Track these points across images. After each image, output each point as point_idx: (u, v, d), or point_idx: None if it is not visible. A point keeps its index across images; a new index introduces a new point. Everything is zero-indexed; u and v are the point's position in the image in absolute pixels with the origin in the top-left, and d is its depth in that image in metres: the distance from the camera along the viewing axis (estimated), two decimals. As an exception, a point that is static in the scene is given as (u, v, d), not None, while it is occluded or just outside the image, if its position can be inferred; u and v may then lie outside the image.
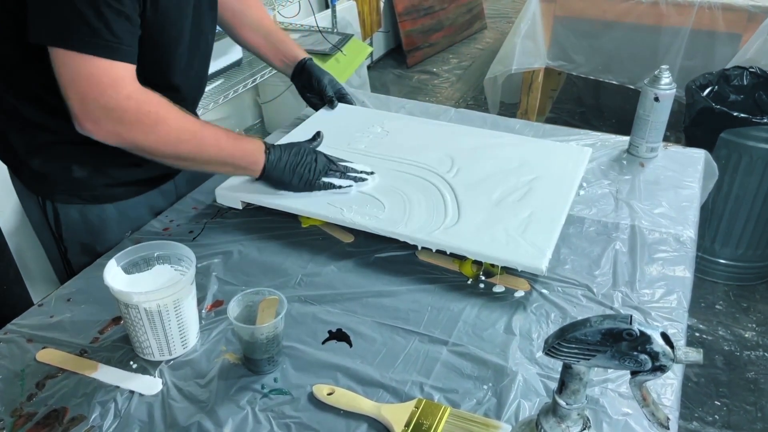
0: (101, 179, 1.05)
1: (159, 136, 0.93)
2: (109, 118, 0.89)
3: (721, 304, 2.09)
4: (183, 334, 0.81)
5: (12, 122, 1.00)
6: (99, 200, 1.06)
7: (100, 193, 1.06)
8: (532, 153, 1.20)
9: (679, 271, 0.96)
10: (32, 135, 1.01)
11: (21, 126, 1.00)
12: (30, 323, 0.87)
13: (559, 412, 0.54)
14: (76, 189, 1.04)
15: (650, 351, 0.47)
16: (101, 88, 0.87)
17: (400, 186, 1.09)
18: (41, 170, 1.03)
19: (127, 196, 1.09)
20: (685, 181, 1.19)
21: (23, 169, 1.05)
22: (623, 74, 2.64)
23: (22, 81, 0.96)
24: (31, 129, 1.00)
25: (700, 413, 1.72)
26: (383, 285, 0.94)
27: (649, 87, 1.21)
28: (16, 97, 0.98)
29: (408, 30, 4.00)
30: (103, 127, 0.89)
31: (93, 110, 0.88)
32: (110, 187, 1.06)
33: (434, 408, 0.73)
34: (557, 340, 0.50)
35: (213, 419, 0.73)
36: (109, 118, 0.89)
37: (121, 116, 0.90)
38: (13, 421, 0.73)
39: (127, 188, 1.09)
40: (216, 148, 0.99)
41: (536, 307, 0.89)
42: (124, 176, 1.07)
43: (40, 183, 1.05)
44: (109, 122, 0.89)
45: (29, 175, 1.05)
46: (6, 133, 1.02)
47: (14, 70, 0.95)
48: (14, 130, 1.01)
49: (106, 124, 0.89)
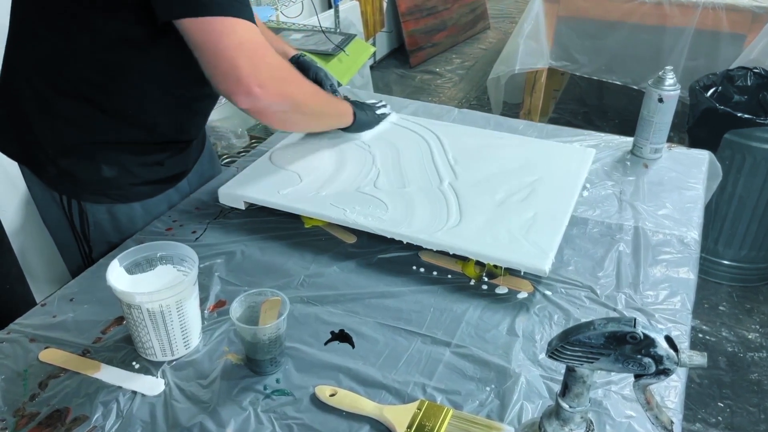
0: (128, 178, 1.06)
1: (306, 90, 1.02)
2: (274, 78, 0.92)
3: (724, 306, 2.08)
4: (185, 335, 0.81)
5: (47, 121, 1.00)
6: (128, 199, 1.08)
7: (127, 192, 1.07)
8: (536, 154, 1.19)
9: (683, 272, 0.96)
10: (68, 134, 1.01)
11: (57, 125, 1.00)
12: (33, 323, 0.88)
13: (562, 415, 0.53)
14: (105, 188, 1.05)
15: (654, 354, 0.47)
16: (263, 49, 0.90)
17: (402, 186, 1.09)
18: (70, 170, 1.03)
19: (151, 194, 1.11)
20: (689, 182, 1.19)
21: (49, 168, 1.04)
22: (626, 75, 2.63)
23: (72, 78, 0.96)
24: (67, 128, 1.00)
25: (703, 415, 1.71)
26: (386, 286, 0.94)
27: (654, 88, 1.20)
28: (60, 95, 0.98)
29: (411, 30, 3.99)
30: (269, 89, 0.91)
31: (262, 72, 0.89)
32: (136, 185, 1.08)
33: (437, 410, 0.73)
34: (561, 343, 0.50)
35: (215, 420, 0.73)
36: (274, 78, 0.92)
37: (281, 74, 0.95)
38: (15, 421, 0.73)
39: (151, 186, 1.10)
40: (327, 99, 1.13)
41: (539, 309, 0.89)
42: (149, 175, 1.09)
43: (68, 183, 1.05)
44: (274, 82, 0.92)
45: (55, 174, 1.04)
46: (35, 132, 1.01)
47: (66, 66, 0.96)
48: (48, 129, 1.01)
49: (272, 84, 0.91)
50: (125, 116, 1.00)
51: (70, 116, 0.99)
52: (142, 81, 0.98)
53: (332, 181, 1.11)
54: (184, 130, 1.12)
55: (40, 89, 0.98)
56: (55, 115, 0.99)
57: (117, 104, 0.99)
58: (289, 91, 0.96)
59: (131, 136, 1.03)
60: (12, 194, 1.88)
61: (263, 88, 0.89)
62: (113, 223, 1.08)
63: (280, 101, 0.95)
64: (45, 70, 0.97)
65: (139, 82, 0.98)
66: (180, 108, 1.06)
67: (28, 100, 1.00)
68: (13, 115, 1.03)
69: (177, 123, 1.09)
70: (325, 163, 1.17)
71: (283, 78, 0.96)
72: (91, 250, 1.10)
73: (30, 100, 1.00)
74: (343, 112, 1.19)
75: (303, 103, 1.02)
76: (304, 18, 2.91)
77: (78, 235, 1.09)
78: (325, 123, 1.21)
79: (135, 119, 1.01)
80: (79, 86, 0.97)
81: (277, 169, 1.15)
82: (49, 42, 0.95)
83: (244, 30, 0.88)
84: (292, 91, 0.97)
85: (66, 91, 0.97)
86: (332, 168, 1.15)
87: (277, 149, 1.22)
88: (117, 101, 0.98)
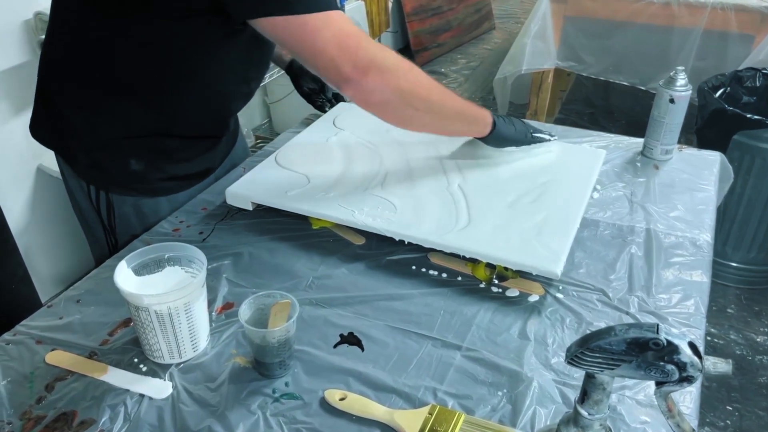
0: (155, 173, 1.08)
1: (414, 78, 0.94)
2: (374, 67, 0.88)
3: (732, 308, 2.07)
4: (193, 337, 0.80)
5: (84, 114, 1.02)
6: (154, 193, 1.09)
7: (154, 186, 1.08)
8: (545, 155, 1.18)
9: (696, 275, 0.95)
10: (103, 128, 1.02)
11: (93, 118, 1.01)
12: (39, 324, 0.87)
13: (580, 422, 0.52)
14: (132, 182, 1.07)
15: (677, 361, 0.46)
16: (359, 39, 0.88)
17: (411, 188, 1.08)
18: (101, 162, 1.05)
19: (178, 189, 1.12)
20: (700, 183, 1.18)
21: (80, 159, 1.06)
22: (634, 75, 2.61)
23: (115, 74, 0.97)
24: (103, 122, 1.01)
25: (712, 418, 1.70)
26: (395, 288, 0.93)
27: (665, 88, 1.19)
28: (100, 90, 0.99)
29: (416, 30, 3.98)
30: (372, 78, 0.88)
31: (362, 62, 0.87)
32: (163, 180, 1.09)
33: (448, 414, 0.72)
34: (580, 349, 0.48)
35: (224, 424, 0.72)
36: (375, 67, 0.88)
37: (381, 63, 0.89)
38: (22, 425, 0.72)
39: (177, 182, 1.11)
40: (454, 99, 1.02)
41: (551, 312, 0.88)
42: (176, 170, 1.10)
43: (97, 174, 1.07)
44: (376, 72, 0.88)
45: (86, 165, 1.06)
46: (71, 123, 1.03)
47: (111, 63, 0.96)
48: (83, 121, 1.02)
49: (375, 74, 0.88)
50: (163, 112, 1.01)
51: (108, 111, 1.00)
52: (190, 80, 0.99)
53: (340, 182, 1.10)
54: (218, 126, 1.14)
55: (79, 83, 0.99)
56: (93, 108, 1.01)
57: (158, 101, 1.00)
58: (394, 81, 0.90)
59: (163, 130, 1.04)
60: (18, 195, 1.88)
61: (365, 76, 0.87)
62: (138, 216, 1.09)
63: (383, 90, 0.90)
64: (87, 65, 0.98)
65: (187, 81, 0.99)
66: (218, 105, 1.08)
67: (66, 93, 1.01)
68: (49, 104, 1.05)
69: (212, 119, 1.11)
70: (332, 164, 1.16)
71: (387, 67, 0.90)
72: (117, 242, 1.12)
73: (68, 93, 1.01)
74: (478, 118, 1.08)
75: (414, 96, 0.94)
76: (309, 18, 2.89)
77: (105, 226, 1.10)
78: (451, 124, 1.07)
79: (172, 116, 1.02)
80: (123, 83, 0.98)
81: (285, 170, 1.14)
82: (94, 38, 0.95)
83: (334, 21, 0.86)
84: (397, 81, 0.91)
85: (108, 87, 0.98)
86: (340, 169, 1.14)
87: (282, 150, 1.21)
88: (159, 99, 1.00)
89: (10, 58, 1.76)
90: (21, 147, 1.84)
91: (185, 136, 1.07)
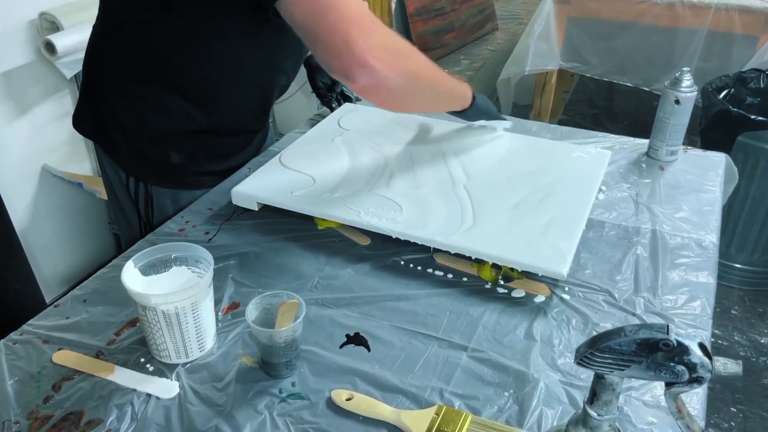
0: (194, 167, 1.11)
1: (424, 62, 0.94)
2: (389, 50, 0.87)
3: (736, 309, 2.07)
4: (200, 337, 0.80)
5: (130, 105, 1.04)
6: (191, 186, 1.12)
7: (191, 180, 1.12)
8: (551, 156, 1.18)
9: (702, 276, 0.95)
10: (151, 120, 1.05)
11: (143, 110, 1.04)
12: (46, 324, 0.87)
13: (589, 423, 0.52)
14: (171, 174, 1.10)
15: (688, 362, 0.46)
16: (374, 22, 0.86)
17: (417, 188, 1.08)
18: (143, 154, 1.08)
19: (212, 184, 1.16)
20: (706, 185, 1.18)
21: (122, 149, 1.09)
22: (638, 76, 2.61)
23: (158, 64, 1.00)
24: (152, 114, 1.04)
25: (716, 420, 1.70)
26: (401, 288, 0.93)
27: (670, 89, 1.19)
28: (145, 82, 1.02)
29: (419, 31, 3.98)
30: (386, 61, 0.85)
31: (376, 44, 0.84)
32: (200, 175, 1.12)
33: (455, 415, 0.72)
34: (589, 350, 0.48)
35: (230, 423, 0.72)
36: (389, 50, 0.87)
37: (397, 46, 0.89)
38: (29, 424, 0.73)
39: (213, 177, 1.15)
40: (445, 76, 1.04)
41: (557, 313, 0.88)
42: (213, 166, 1.14)
43: (138, 166, 1.10)
44: (390, 54, 0.86)
45: (128, 156, 1.09)
46: (116, 114, 1.06)
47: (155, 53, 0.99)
48: (130, 113, 1.05)
49: (388, 56, 0.86)
50: (206, 107, 1.04)
51: (155, 104, 1.03)
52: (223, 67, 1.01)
53: (345, 183, 1.10)
54: (258, 120, 1.17)
55: (124, 73, 1.02)
56: (142, 101, 1.03)
57: (201, 95, 1.02)
58: (406, 64, 0.89)
59: (207, 125, 1.06)
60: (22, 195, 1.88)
61: (380, 60, 0.84)
62: (176, 208, 1.12)
63: (397, 75, 0.87)
64: (131, 55, 1.01)
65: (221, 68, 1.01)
66: (258, 99, 1.11)
67: (116, 85, 1.04)
68: (94, 96, 1.08)
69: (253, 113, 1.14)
70: (337, 164, 1.16)
71: (399, 50, 0.89)
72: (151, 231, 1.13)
73: (117, 86, 1.04)
74: (463, 92, 1.11)
75: (422, 78, 0.95)
76: (313, 18, 2.90)
77: (141, 216, 1.13)
78: (443, 103, 1.11)
79: (215, 110, 1.05)
80: (169, 77, 1.01)
81: (290, 171, 1.14)
82: (139, 29, 0.98)
83: (352, 2, 0.85)
84: (409, 65, 0.90)
85: (155, 81, 1.01)
86: (345, 169, 1.14)
87: (287, 151, 1.21)
88: (202, 93, 1.02)
89: (15, 58, 1.76)
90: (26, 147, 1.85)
91: (227, 129, 1.10)
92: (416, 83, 0.93)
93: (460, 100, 1.11)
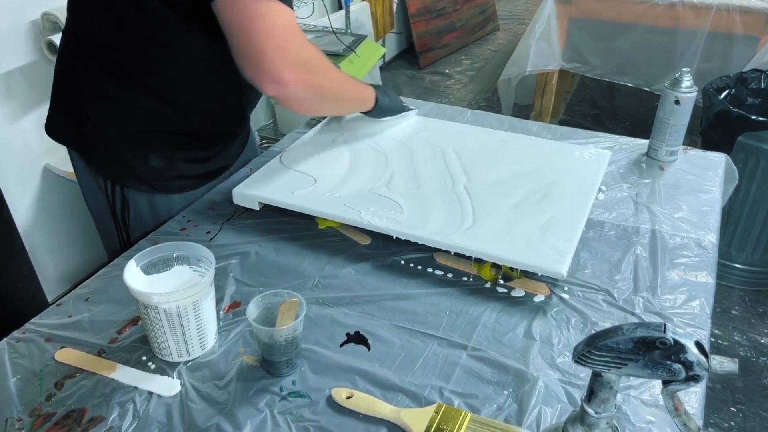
0: (173, 171, 1.09)
1: (332, 77, 1.03)
2: (301, 65, 0.91)
3: (736, 310, 2.07)
4: (201, 335, 0.81)
5: (104, 106, 1.03)
6: (169, 190, 1.11)
7: (170, 184, 1.10)
8: (551, 156, 1.19)
9: (701, 276, 0.95)
10: (124, 120, 1.04)
11: (114, 110, 1.03)
12: (48, 322, 0.87)
13: (587, 421, 0.53)
14: (150, 178, 1.08)
15: (684, 360, 0.46)
16: (294, 36, 0.90)
17: (416, 188, 1.09)
18: (120, 156, 1.06)
19: (193, 187, 1.14)
20: (705, 185, 1.18)
21: (99, 153, 1.08)
22: (639, 77, 2.61)
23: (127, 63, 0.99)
24: (124, 114, 1.03)
25: (716, 420, 1.70)
26: (401, 288, 0.93)
27: (670, 90, 1.19)
28: (117, 81, 1.00)
29: (420, 31, 3.99)
30: (296, 76, 0.90)
31: (289, 59, 0.88)
32: (179, 179, 1.11)
33: (454, 413, 0.72)
34: (587, 348, 0.49)
35: (231, 421, 0.73)
36: (301, 66, 0.91)
37: (310, 62, 0.94)
38: (32, 421, 0.73)
39: (193, 180, 1.14)
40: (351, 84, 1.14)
41: (556, 312, 0.88)
42: (193, 170, 1.12)
43: (115, 169, 1.08)
44: (302, 70, 0.91)
45: (104, 159, 1.08)
46: (91, 117, 1.05)
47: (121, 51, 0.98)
48: (105, 113, 1.04)
49: (301, 72, 0.91)
50: (180, 104, 1.02)
51: (127, 104, 1.02)
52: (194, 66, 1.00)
53: (346, 183, 1.11)
54: (236, 120, 1.16)
55: (98, 74, 1.01)
56: (113, 101, 1.02)
57: (170, 94, 1.01)
58: (315, 79, 0.96)
59: (182, 125, 1.05)
60: (24, 194, 1.89)
61: (290, 76, 0.89)
62: (152, 212, 1.11)
63: (305, 89, 0.94)
64: (103, 55, 1.00)
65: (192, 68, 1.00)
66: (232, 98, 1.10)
67: (87, 86, 1.03)
68: (69, 98, 1.07)
69: (229, 113, 1.12)
70: (338, 164, 1.17)
71: (311, 66, 0.94)
72: (129, 237, 1.13)
73: (88, 87, 1.03)
74: (366, 97, 1.19)
75: (328, 91, 1.03)
76: (315, 19, 2.91)
77: (118, 222, 1.11)
78: (347, 108, 1.23)
79: (188, 110, 1.04)
80: (134, 72, 0.99)
81: (291, 171, 1.15)
82: (104, 27, 0.98)
83: (278, 15, 0.87)
84: (318, 80, 0.97)
85: (123, 77, 1.00)
86: (345, 169, 1.15)
87: (287, 151, 1.21)
88: (171, 91, 1.01)
89: (18, 58, 1.77)
90: (28, 146, 1.85)
91: (203, 131, 1.09)
92: (321, 96, 1.01)
93: (362, 104, 1.20)
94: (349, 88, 1.14)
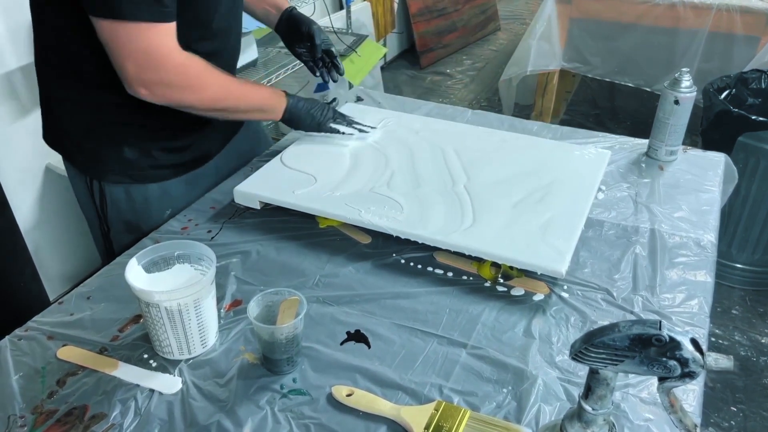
0: (148, 161, 1.10)
1: (203, 97, 1.02)
2: (162, 84, 0.96)
3: (737, 309, 2.07)
4: (202, 333, 0.81)
5: (66, 104, 1.05)
6: (147, 179, 1.12)
7: (147, 173, 1.11)
8: (550, 155, 1.19)
9: (700, 275, 0.95)
10: (85, 116, 1.05)
11: (74, 108, 1.05)
12: (50, 321, 0.88)
13: (584, 417, 0.53)
14: (126, 169, 1.10)
15: (680, 357, 0.47)
16: (157, 61, 0.94)
17: (417, 187, 1.09)
18: (95, 152, 1.08)
19: (171, 176, 1.14)
20: (705, 185, 1.18)
21: (77, 152, 1.10)
22: (639, 77, 2.62)
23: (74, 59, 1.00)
24: (83, 110, 1.05)
25: (716, 419, 1.70)
26: (401, 286, 0.94)
27: (670, 90, 1.20)
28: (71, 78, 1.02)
29: (421, 31, 3.99)
30: (155, 92, 0.96)
31: (149, 79, 0.95)
32: (155, 168, 1.12)
33: (454, 411, 0.73)
34: (584, 345, 0.49)
35: (232, 419, 0.73)
36: (162, 85, 0.96)
37: (172, 82, 0.97)
38: (34, 418, 0.74)
39: (170, 170, 1.14)
40: (245, 101, 1.11)
41: (556, 311, 0.89)
42: (168, 159, 1.13)
43: (93, 165, 1.10)
44: (161, 88, 0.96)
45: (83, 157, 1.10)
46: (61, 119, 1.08)
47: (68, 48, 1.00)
48: (69, 114, 1.06)
49: (159, 89, 0.96)
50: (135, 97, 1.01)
51: (84, 100, 1.04)
52: None
53: (347, 182, 1.11)
54: None
55: (62, 76, 1.03)
56: (72, 100, 1.04)
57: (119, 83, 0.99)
58: (177, 97, 0.99)
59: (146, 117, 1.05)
60: (26, 193, 1.90)
61: (149, 90, 0.95)
62: (129, 203, 1.12)
63: (167, 102, 0.99)
64: (60, 58, 1.02)
65: None
66: None
67: (54, 88, 1.06)
68: (46, 102, 1.09)
69: None
70: (338, 164, 1.17)
71: (171, 85, 0.97)
72: (109, 229, 1.14)
73: (55, 88, 1.05)
74: (269, 108, 1.15)
75: (202, 104, 1.03)
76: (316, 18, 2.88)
77: (99, 215, 1.13)
78: (243, 117, 1.20)
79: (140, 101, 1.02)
80: (87, 70, 1.01)
81: (292, 170, 1.15)
82: (49, 32, 1.01)
83: (141, 39, 0.91)
84: (181, 98, 1.00)
85: (82, 77, 1.02)
86: (346, 169, 1.15)
87: (288, 151, 1.22)
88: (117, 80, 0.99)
89: (17, 58, 1.77)
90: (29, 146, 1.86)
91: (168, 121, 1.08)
92: (186, 107, 1.02)
93: (263, 114, 1.18)
94: (241, 102, 1.10)
